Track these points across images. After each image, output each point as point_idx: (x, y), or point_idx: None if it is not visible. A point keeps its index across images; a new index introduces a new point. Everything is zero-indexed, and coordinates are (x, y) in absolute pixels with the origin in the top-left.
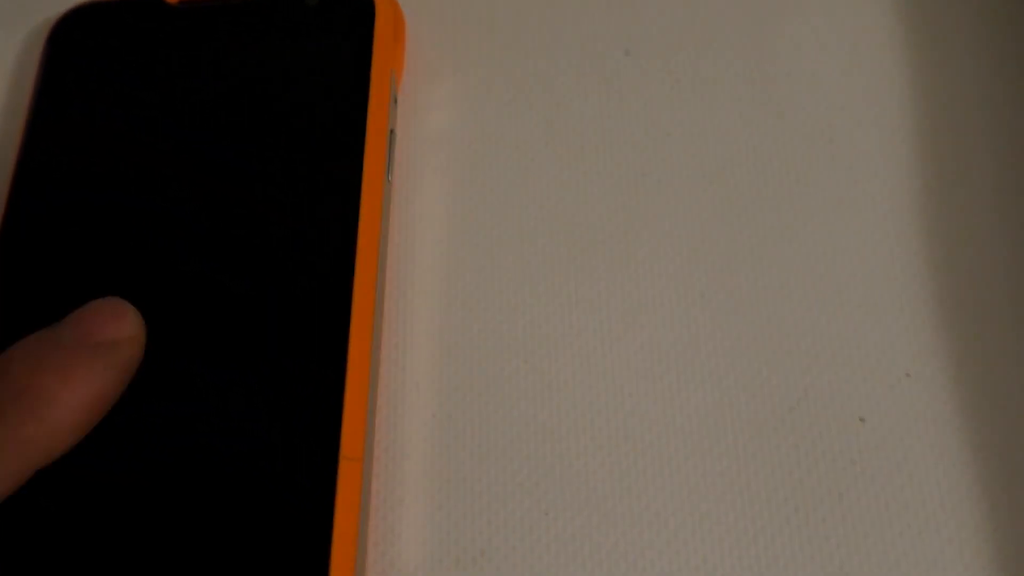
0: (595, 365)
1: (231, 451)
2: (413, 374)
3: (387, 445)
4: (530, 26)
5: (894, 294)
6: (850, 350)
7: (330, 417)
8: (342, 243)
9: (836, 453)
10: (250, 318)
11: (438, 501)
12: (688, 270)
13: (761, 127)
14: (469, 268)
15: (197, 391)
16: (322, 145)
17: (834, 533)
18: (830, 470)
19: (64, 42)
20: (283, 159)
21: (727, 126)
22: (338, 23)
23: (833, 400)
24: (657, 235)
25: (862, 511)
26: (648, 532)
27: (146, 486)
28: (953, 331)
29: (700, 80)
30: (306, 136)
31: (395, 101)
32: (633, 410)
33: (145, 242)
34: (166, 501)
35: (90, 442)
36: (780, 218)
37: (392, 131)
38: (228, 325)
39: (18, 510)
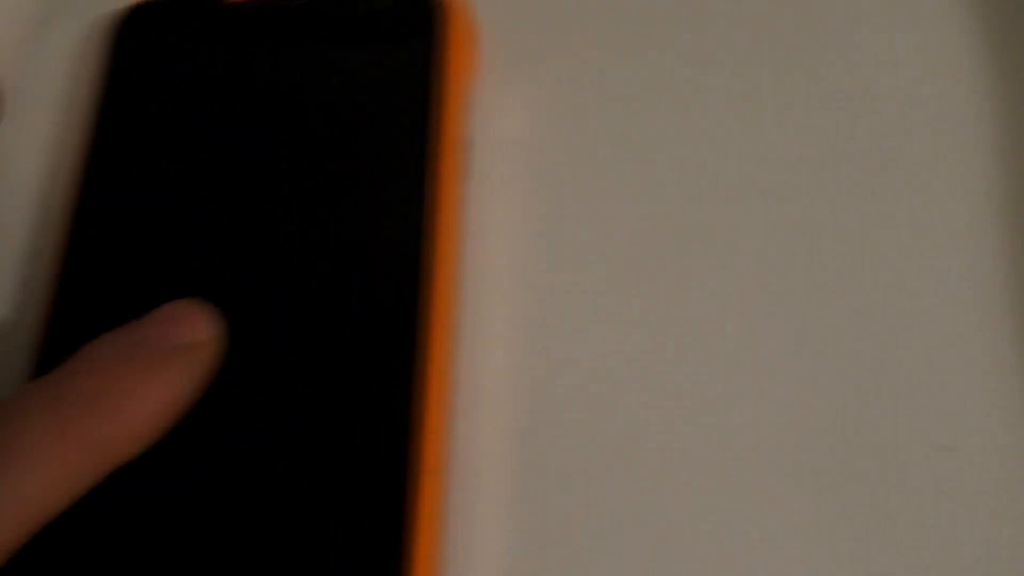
0: (667, 385)
1: (311, 463)
2: (488, 389)
3: (463, 460)
4: (605, 37)
5: (976, 317)
6: (931, 376)
7: (413, 431)
8: (419, 253)
9: (916, 483)
10: (328, 329)
11: (512, 518)
12: (761, 290)
13: (834, 146)
14: (542, 280)
15: (276, 402)
16: (395, 152)
17: (913, 565)
18: (909, 500)
19: (124, 39)
20: (356, 165)
21: (800, 145)
22: (412, 26)
23: (912, 428)
24: (730, 253)
25: (942, 543)
26: (719, 558)
27: (221, 494)
28: None
29: (773, 98)
30: (379, 142)
31: (469, 108)
32: (705, 433)
33: (214, 244)
34: (242, 510)
35: (163, 445)
36: (854, 238)
37: (470, 139)
38: (306, 336)
39: (90, 509)
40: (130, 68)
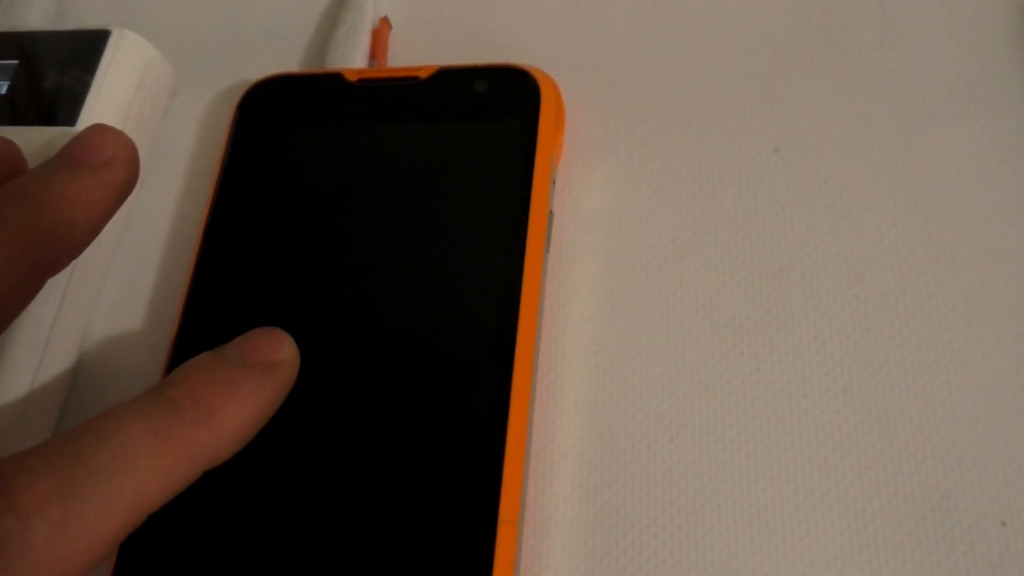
0: (738, 450)
1: (393, 510)
2: (561, 444)
3: (535, 511)
4: (683, 117)
5: None
6: (994, 452)
7: (490, 481)
8: (504, 317)
9: (977, 556)
10: (416, 384)
11: (582, 569)
12: (830, 364)
13: (906, 229)
14: (618, 345)
15: (362, 452)
16: (487, 222)
17: None
18: (970, 573)
19: (253, 109)
20: (449, 233)
21: (873, 226)
22: (506, 107)
23: (975, 503)
24: (800, 328)
25: None
26: None
27: (309, 533)
28: None
29: (847, 180)
30: (472, 212)
31: (554, 182)
32: (774, 497)
33: (321, 295)
34: (325, 554)
35: (250, 483)
36: (924, 319)
37: (551, 211)
38: (394, 390)
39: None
40: (257, 135)
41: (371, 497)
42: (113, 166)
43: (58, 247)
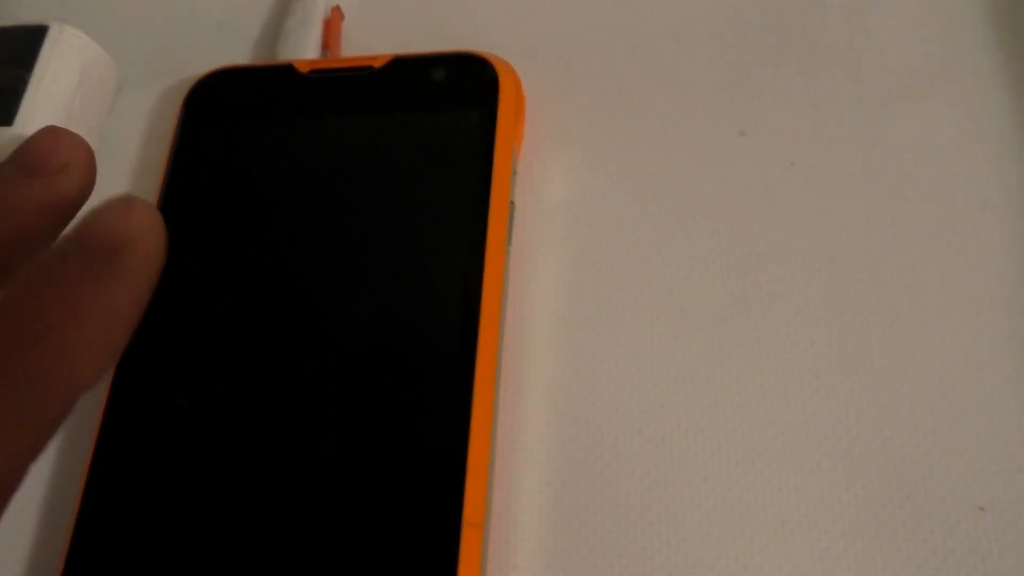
0: (708, 441)
1: (355, 514)
2: (527, 442)
3: (501, 512)
4: (648, 102)
5: (1014, 383)
6: (969, 438)
7: (453, 483)
8: (466, 312)
9: (955, 542)
10: (375, 383)
11: (551, 570)
12: (803, 351)
13: (877, 212)
14: (584, 338)
15: (323, 455)
16: (446, 215)
17: None
18: (948, 559)
19: (200, 103)
20: (408, 227)
21: (842, 210)
22: (464, 96)
23: (951, 488)
24: (771, 316)
25: None
26: None
27: (272, 540)
28: None
29: (815, 164)
30: (430, 205)
31: (515, 172)
32: (747, 488)
33: (270, 301)
34: (287, 560)
35: (211, 488)
36: (896, 303)
37: (512, 202)
38: (353, 390)
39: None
40: (204, 129)
41: (331, 503)
42: (69, 172)
43: (4, 260)
